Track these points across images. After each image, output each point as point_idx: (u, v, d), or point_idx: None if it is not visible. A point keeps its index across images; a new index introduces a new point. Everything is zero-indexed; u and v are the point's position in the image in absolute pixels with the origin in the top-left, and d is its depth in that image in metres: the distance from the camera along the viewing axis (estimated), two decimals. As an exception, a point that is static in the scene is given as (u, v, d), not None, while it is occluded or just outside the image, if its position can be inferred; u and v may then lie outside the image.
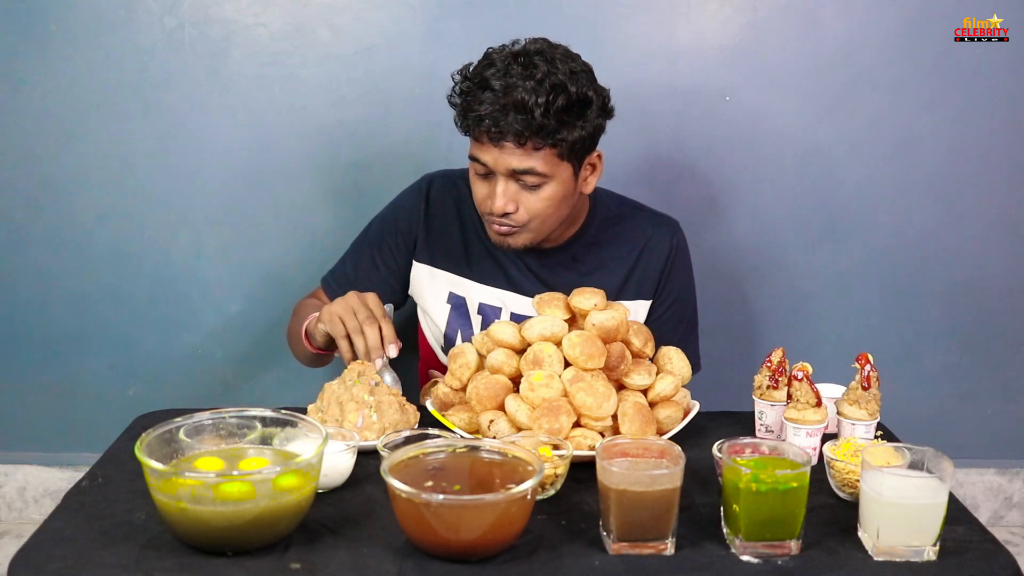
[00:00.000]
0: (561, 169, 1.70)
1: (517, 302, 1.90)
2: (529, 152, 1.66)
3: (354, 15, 2.28)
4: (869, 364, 1.51)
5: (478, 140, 1.69)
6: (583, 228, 1.90)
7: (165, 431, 1.30)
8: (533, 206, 1.72)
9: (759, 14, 2.29)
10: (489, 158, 1.68)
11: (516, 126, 1.62)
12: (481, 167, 1.71)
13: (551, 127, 1.63)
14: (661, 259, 1.90)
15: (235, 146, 2.33)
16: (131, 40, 2.27)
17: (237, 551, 1.20)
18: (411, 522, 1.20)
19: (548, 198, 1.72)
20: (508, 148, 1.65)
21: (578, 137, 1.68)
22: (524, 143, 1.64)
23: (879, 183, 2.37)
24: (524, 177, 1.68)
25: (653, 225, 1.92)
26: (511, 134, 1.63)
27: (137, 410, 1.72)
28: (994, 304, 2.45)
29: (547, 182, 1.70)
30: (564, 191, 1.73)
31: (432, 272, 1.92)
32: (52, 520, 1.30)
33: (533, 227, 1.75)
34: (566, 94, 1.64)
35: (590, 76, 1.71)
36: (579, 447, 1.44)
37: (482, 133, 1.65)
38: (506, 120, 1.62)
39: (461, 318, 1.92)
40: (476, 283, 1.91)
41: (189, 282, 2.40)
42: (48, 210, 2.36)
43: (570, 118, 1.65)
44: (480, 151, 1.69)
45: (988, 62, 2.29)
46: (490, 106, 1.62)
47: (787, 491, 1.21)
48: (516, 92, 1.61)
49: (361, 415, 1.53)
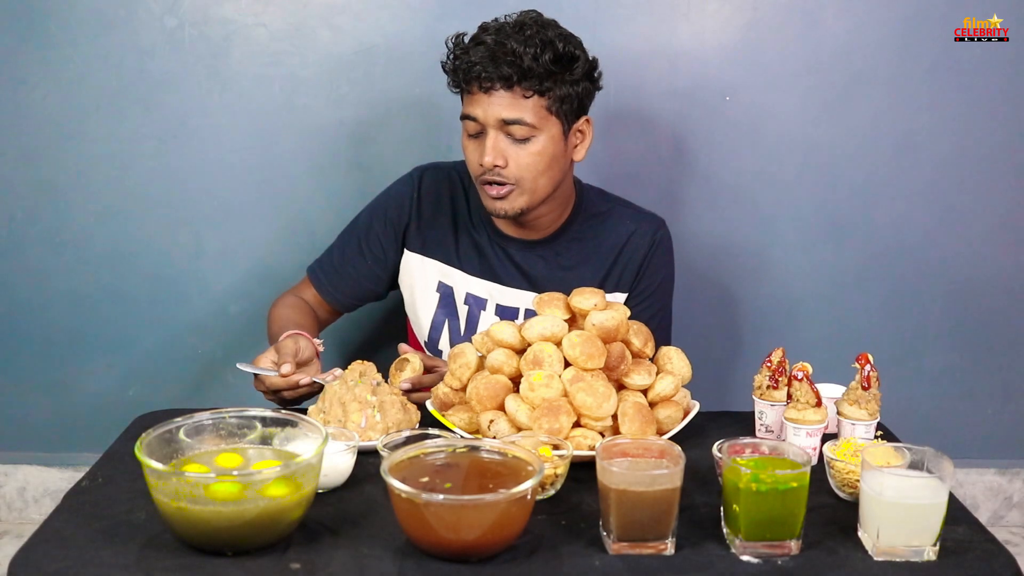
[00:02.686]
0: (550, 124, 1.76)
1: (503, 294, 1.92)
2: (518, 99, 1.72)
3: (354, 15, 2.28)
4: (869, 364, 1.51)
5: (469, 93, 1.75)
6: (568, 222, 1.92)
7: (165, 431, 1.30)
8: (523, 160, 1.76)
9: (759, 14, 2.29)
10: (479, 109, 1.74)
11: (505, 69, 1.70)
12: (472, 124, 1.76)
13: (539, 73, 1.71)
14: (641, 253, 1.92)
15: (235, 146, 2.34)
16: (131, 40, 2.27)
17: (237, 551, 1.20)
18: (411, 522, 1.20)
19: (538, 153, 1.76)
20: (497, 96, 1.72)
21: (566, 93, 1.75)
22: (512, 87, 1.71)
23: (879, 183, 2.37)
24: (513, 129, 1.74)
25: (637, 221, 1.94)
26: (501, 79, 1.70)
27: (137, 410, 1.72)
28: (994, 304, 2.45)
29: (536, 135, 1.75)
30: (554, 149, 1.78)
31: (423, 261, 1.94)
32: (52, 520, 1.30)
33: (526, 186, 1.78)
34: (553, 48, 1.72)
35: (578, 42, 1.79)
36: (579, 447, 1.44)
37: (472, 82, 1.73)
38: (496, 66, 1.70)
39: (448, 307, 1.94)
40: (464, 273, 1.93)
41: (189, 282, 2.40)
42: (48, 210, 2.36)
43: (558, 70, 1.73)
44: (471, 104, 1.75)
45: (988, 62, 2.29)
46: (482, 55, 1.71)
47: (787, 491, 1.21)
48: (507, 43, 1.70)
49: (364, 415, 1.52)
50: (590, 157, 1.86)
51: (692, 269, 2.37)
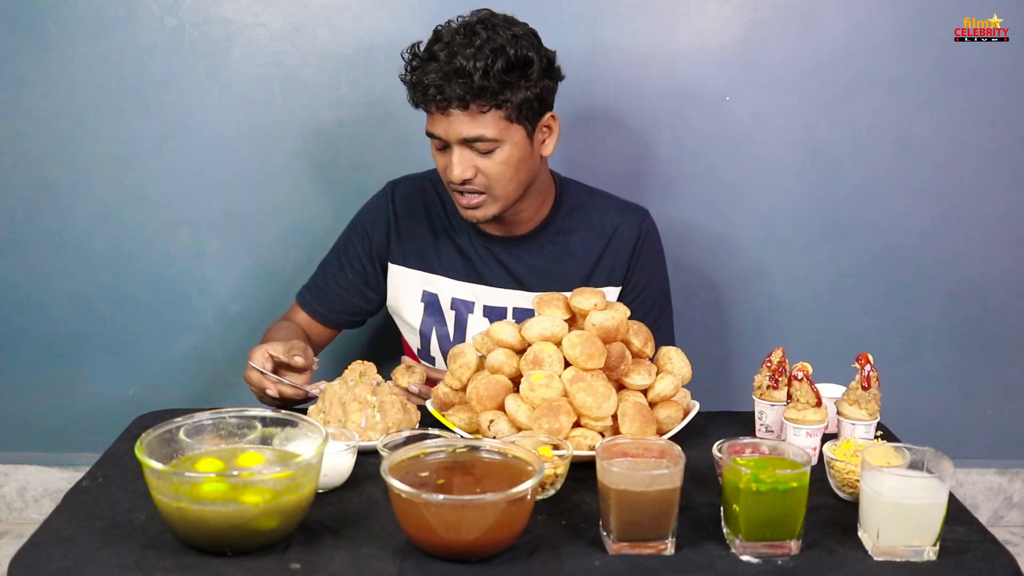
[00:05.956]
0: (512, 132, 1.74)
1: (489, 295, 1.92)
2: (475, 117, 1.71)
3: (354, 15, 2.28)
4: (869, 364, 1.51)
5: (429, 112, 1.74)
6: (550, 216, 1.92)
7: (165, 431, 1.30)
8: (490, 170, 1.75)
9: (759, 14, 2.29)
10: (440, 129, 1.73)
11: (458, 91, 1.68)
12: (438, 140, 1.76)
13: (492, 88, 1.68)
14: (629, 246, 1.92)
15: (235, 146, 2.34)
16: (131, 40, 2.27)
17: (237, 551, 1.20)
18: (411, 522, 1.20)
19: (504, 162, 1.75)
20: (455, 115, 1.71)
21: (524, 98, 1.72)
22: (467, 107, 1.69)
23: (879, 183, 2.37)
24: (476, 144, 1.73)
25: (621, 213, 1.94)
26: (455, 100, 1.69)
27: (137, 410, 1.72)
28: (994, 304, 2.45)
29: (499, 146, 1.74)
30: (520, 154, 1.77)
31: (406, 272, 1.95)
32: (52, 520, 1.30)
33: (497, 193, 1.78)
34: (504, 56, 1.69)
35: (532, 39, 1.76)
36: (579, 447, 1.44)
37: (430, 103, 1.71)
38: (449, 87, 1.68)
39: (434, 315, 1.95)
40: (447, 279, 1.93)
41: (189, 282, 2.41)
42: (48, 210, 2.36)
43: (512, 79, 1.70)
44: (432, 124, 1.75)
45: (988, 62, 2.29)
46: (434, 75, 1.69)
47: (787, 491, 1.21)
48: (456, 59, 1.68)
49: (364, 415, 1.53)
50: (590, 157, 1.86)
51: (692, 269, 2.37)
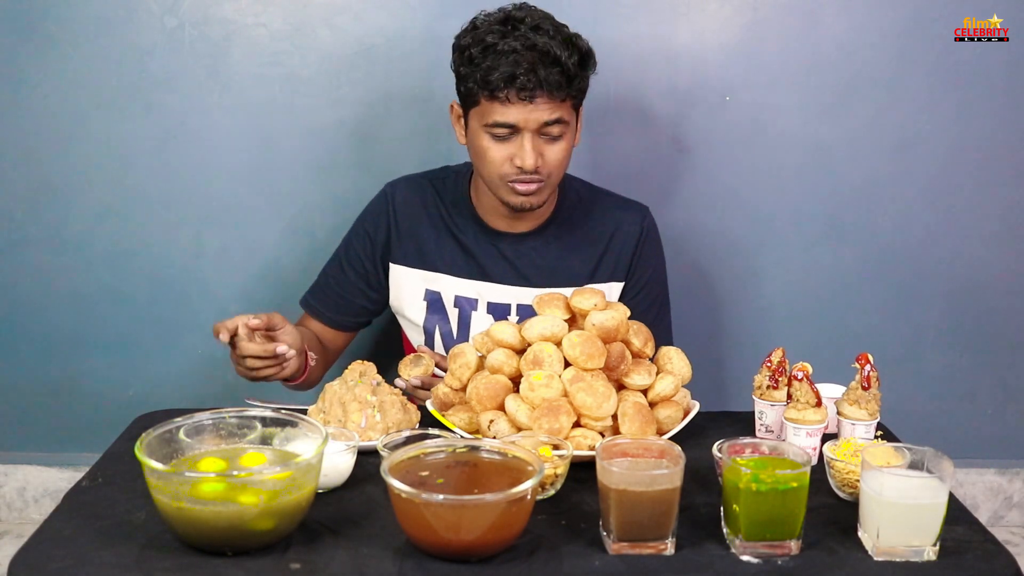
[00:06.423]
0: (574, 119, 1.79)
1: (493, 291, 1.92)
2: (556, 104, 1.72)
3: (354, 15, 2.28)
4: (869, 364, 1.51)
5: (501, 102, 1.71)
6: (555, 213, 1.93)
7: (165, 431, 1.30)
8: (554, 157, 1.77)
9: (759, 14, 2.28)
10: (518, 116, 1.71)
11: (554, 77, 1.69)
12: (502, 130, 1.74)
13: (578, 75, 1.73)
14: (632, 242, 1.94)
15: (235, 146, 2.33)
16: (131, 40, 2.27)
17: (237, 551, 1.21)
18: (411, 522, 1.20)
19: (566, 148, 1.79)
20: (540, 102, 1.71)
21: (584, 87, 1.78)
22: (554, 94, 1.70)
23: (879, 183, 2.37)
24: (550, 129, 1.74)
25: (622, 209, 1.96)
26: (546, 87, 1.69)
27: (137, 410, 1.72)
28: (994, 304, 2.44)
29: (567, 132, 1.77)
30: (573, 141, 1.81)
31: (408, 272, 1.95)
32: (52, 520, 1.30)
33: (554, 179, 1.81)
34: (578, 47, 1.73)
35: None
36: (579, 447, 1.44)
37: (511, 92, 1.69)
38: (540, 74, 1.68)
39: (437, 313, 1.95)
40: (450, 276, 1.93)
41: (189, 282, 2.40)
42: (48, 210, 2.36)
43: (584, 69, 1.75)
44: (504, 112, 1.72)
45: (988, 62, 2.29)
46: (520, 62, 1.67)
47: (787, 491, 1.21)
48: (541, 47, 1.68)
49: (364, 415, 1.53)
50: (590, 156, 1.87)
51: (692, 268, 2.37)
